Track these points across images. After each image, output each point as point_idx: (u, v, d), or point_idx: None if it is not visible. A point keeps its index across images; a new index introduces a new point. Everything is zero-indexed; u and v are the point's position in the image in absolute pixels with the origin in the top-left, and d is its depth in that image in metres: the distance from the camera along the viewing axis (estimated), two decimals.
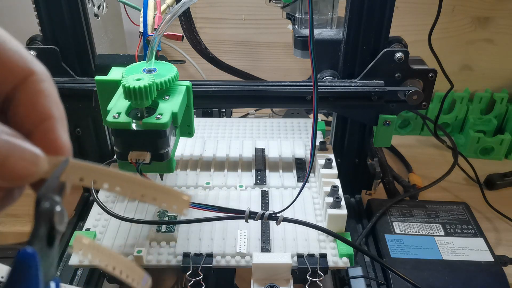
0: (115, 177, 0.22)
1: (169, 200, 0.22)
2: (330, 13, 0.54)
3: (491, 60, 0.84)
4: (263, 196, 0.52)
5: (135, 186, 0.22)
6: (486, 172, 0.72)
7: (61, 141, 0.22)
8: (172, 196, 0.22)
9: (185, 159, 0.58)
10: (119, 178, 0.22)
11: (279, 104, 0.60)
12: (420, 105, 0.52)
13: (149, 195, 0.22)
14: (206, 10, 0.83)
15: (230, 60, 0.69)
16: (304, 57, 0.54)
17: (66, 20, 0.50)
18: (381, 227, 0.55)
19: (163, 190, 0.22)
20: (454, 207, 0.59)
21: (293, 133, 0.65)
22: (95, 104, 0.45)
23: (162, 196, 0.22)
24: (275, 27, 0.84)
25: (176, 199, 0.22)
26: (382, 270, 0.51)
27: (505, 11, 0.79)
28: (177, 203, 0.22)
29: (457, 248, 0.52)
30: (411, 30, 0.67)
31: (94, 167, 0.22)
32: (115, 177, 0.22)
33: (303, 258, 0.44)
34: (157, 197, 0.22)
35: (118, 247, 0.45)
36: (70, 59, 0.52)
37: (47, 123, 0.22)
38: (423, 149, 0.82)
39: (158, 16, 0.46)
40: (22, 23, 0.76)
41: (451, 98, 0.83)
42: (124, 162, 0.39)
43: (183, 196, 0.22)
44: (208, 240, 0.46)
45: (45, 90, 0.22)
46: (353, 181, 0.61)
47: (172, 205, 0.22)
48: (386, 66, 0.51)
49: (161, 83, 0.39)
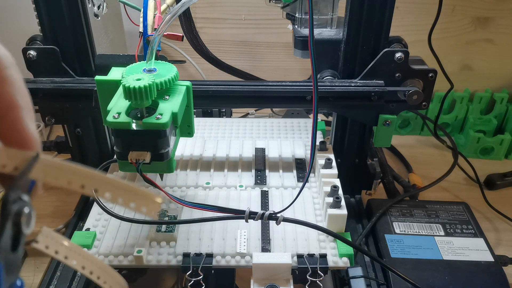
0: (85, 176, 0.20)
1: (139, 201, 0.21)
2: (330, 13, 0.54)
3: (491, 60, 0.84)
4: (263, 196, 0.52)
5: (102, 184, 0.21)
6: (486, 172, 0.72)
7: (28, 132, 0.21)
8: (141, 197, 0.21)
9: (185, 159, 0.58)
10: (88, 176, 0.20)
11: (279, 104, 0.61)
12: (420, 105, 0.52)
13: (116, 194, 0.21)
14: (206, 10, 0.83)
15: (230, 60, 0.69)
16: (304, 57, 0.54)
17: (66, 20, 0.50)
18: (381, 227, 0.55)
19: (132, 190, 0.21)
20: (454, 207, 0.59)
21: (293, 133, 0.65)
22: (95, 104, 0.45)
23: (130, 196, 0.21)
24: (275, 27, 0.84)
25: (146, 200, 0.21)
26: (382, 270, 0.51)
27: (505, 11, 0.79)
28: (147, 205, 0.21)
29: (457, 248, 0.52)
30: (411, 30, 0.67)
31: (65, 165, 0.20)
32: (86, 176, 0.20)
33: (303, 258, 0.44)
34: (124, 197, 0.21)
35: (118, 247, 0.45)
36: (70, 59, 0.52)
37: (12, 113, 0.20)
38: (423, 149, 0.82)
39: (158, 16, 0.46)
40: (22, 23, 0.76)
41: (451, 98, 0.83)
42: (124, 162, 0.39)
43: (154, 198, 0.21)
44: (208, 240, 0.46)
45: (9, 77, 0.20)
46: (353, 181, 0.61)
47: (141, 207, 0.21)
48: (386, 66, 0.51)
49: (161, 83, 0.39)
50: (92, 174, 0.21)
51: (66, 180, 0.20)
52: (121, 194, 0.21)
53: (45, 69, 0.52)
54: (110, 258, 0.44)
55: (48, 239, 0.21)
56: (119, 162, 0.40)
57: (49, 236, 0.21)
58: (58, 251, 0.21)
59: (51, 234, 0.21)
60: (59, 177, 0.20)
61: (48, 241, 0.21)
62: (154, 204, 0.21)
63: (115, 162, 0.41)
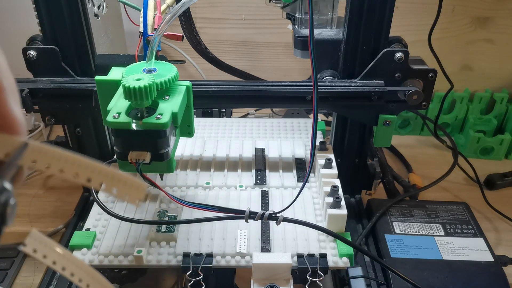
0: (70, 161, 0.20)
1: (122, 188, 0.20)
2: (330, 13, 0.54)
3: (491, 60, 0.84)
4: (263, 196, 0.52)
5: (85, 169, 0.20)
6: (486, 172, 0.72)
7: (13, 114, 0.20)
8: (125, 184, 0.20)
9: (185, 159, 0.58)
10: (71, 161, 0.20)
11: (279, 104, 0.60)
12: (420, 105, 0.52)
13: (96, 179, 0.20)
14: (206, 10, 0.83)
15: (230, 60, 0.69)
16: (304, 57, 0.54)
17: (66, 20, 0.50)
18: (381, 227, 0.55)
19: (116, 176, 0.20)
20: (454, 207, 0.59)
21: (293, 133, 0.65)
22: (95, 104, 0.45)
23: (113, 182, 0.20)
24: (275, 27, 0.84)
25: (129, 188, 0.20)
26: (382, 270, 0.51)
27: (505, 11, 0.79)
28: (130, 193, 0.20)
29: (457, 248, 0.52)
30: (411, 30, 0.67)
31: (53, 151, 0.20)
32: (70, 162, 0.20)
33: (303, 258, 0.44)
34: (107, 182, 0.20)
35: (118, 247, 0.45)
36: (70, 59, 0.52)
37: None
38: (423, 149, 0.82)
39: (158, 16, 0.46)
40: (22, 23, 0.76)
41: (451, 98, 0.83)
42: (124, 162, 0.39)
43: (138, 186, 0.20)
44: (208, 240, 0.46)
45: None
46: (353, 181, 0.61)
47: (124, 194, 0.20)
48: (386, 66, 0.51)
49: (161, 83, 0.39)
50: (75, 159, 0.20)
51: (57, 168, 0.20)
52: (103, 179, 0.20)
53: (45, 69, 0.52)
54: (110, 258, 0.44)
55: (36, 243, 0.21)
56: (119, 162, 0.40)
57: (38, 239, 0.21)
58: (46, 256, 0.21)
59: (41, 238, 0.21)
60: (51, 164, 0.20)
61: (36, 245, 0.21)
62: (138, 192, 0.20)
63: (115, 162, 0.41)
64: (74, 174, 0.20)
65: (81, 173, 0.20)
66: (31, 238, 0.21)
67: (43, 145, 0.20)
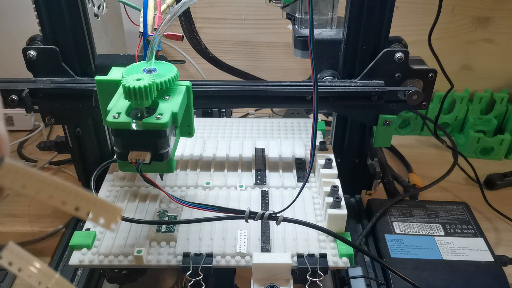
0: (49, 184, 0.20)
1: (97, 211, 0.20)
2: (330, 13, 0.54)
3: (491, 60, 0.84)
4: (263, 196, 0.52)
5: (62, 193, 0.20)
6: (486, 172, 0.73)
7: None
8: (101, 208, 0.20)
9: (185, 159, 0.58)
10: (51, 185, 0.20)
11: (279, 104, 0.60)
12: (420, 105, 0.52)
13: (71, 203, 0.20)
14: (206, 10, 0.83)
15: (230, 60, 0.69)
16: (304, 57, 0.54)
17: (66, 20, 0.50)
18: (381, 227, 0.55)
19: (92, 200, 0.20)
20: (454, 207, 0.59)
21: (293, 133, 0.65)
22: (95, 104, 0.45)
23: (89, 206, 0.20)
24: (275, 27, 0.84)
25: (105, 211, 0.20)
26: (382, 270, 0.51)
27: (505, 11, 0.79)
28: (105, 216, 0.20)
29: (457, 248, 0.52)
30: (411, 30, 0.67)
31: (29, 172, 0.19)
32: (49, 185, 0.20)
33: (303, 258, 0.44)
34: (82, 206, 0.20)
35: (118, 247, 0.45)
36: (70, 59, 0.52)
37: None
38: (423, 149, 0.82)
39: (158, 16, 0.46)
40: (22, 23, 0.76)
41: (451, 98, 0.83)
42: (124, 162, 0.39)
43: (114, 209, 0.20)
44: (208, 240, 0.46)
45: None
46: (353, 181, 0.61)
47: (98, 218, 0.20)
48: (386, 66, 0.51)
49: (161, 83, 0.39)
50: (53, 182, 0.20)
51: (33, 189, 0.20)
52: (79, 203, 0.20)
53: (45, 69, 0.52)
54: (110, 258, 0.44)
55: (13, 256, 0.20)
56: (119, 162, 0.40)
57: (14, 253, 0.20)
58: (21, 269, 0.21)
59: (17, 251, 0.21)
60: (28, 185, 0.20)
61: (12, 258, 0.20)
62: (113, 216, 0.20)
63: (115, 162, 0.41)
64: (48, 196, 0.20)
65: (56, 196, 0.20)
66: (8, 251, 0.20)
67: (21, 164, 0.20)
